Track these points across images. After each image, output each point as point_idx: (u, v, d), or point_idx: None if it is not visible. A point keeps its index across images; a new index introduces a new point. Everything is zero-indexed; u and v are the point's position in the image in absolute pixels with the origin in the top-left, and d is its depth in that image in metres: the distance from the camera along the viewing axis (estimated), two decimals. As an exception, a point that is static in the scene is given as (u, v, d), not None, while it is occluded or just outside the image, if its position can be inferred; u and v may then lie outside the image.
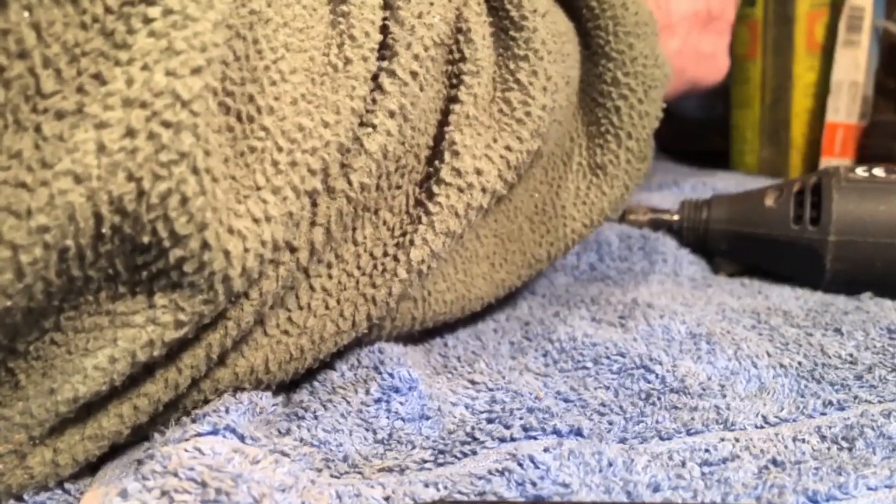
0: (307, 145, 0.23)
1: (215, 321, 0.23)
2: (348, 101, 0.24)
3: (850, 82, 0.62)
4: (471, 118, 0.28)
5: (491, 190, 0.29)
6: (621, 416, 0.26)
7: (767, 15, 0.65)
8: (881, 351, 0.31)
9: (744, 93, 0.68)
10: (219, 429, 0.22)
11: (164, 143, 0.19)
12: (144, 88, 0.18)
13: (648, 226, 0.47)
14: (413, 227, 0.28)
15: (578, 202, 0.36)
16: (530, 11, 0.30)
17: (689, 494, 0.21)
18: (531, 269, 0.35)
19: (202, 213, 0.19)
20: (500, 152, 0.29)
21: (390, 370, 0.28)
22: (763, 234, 0.42)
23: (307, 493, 0.21)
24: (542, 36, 0.31)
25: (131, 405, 0.23)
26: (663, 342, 0.32)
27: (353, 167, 0.25)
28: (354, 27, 0.25)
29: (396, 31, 0.26)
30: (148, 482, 0.20)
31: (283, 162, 0.22)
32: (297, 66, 0.23)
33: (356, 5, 0.26)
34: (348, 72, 0.24)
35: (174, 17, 0.19)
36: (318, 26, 0.25)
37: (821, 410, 0.26)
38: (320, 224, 0.24)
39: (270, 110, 0.22)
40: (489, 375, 0.30)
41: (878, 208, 0.39)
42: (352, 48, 0.25)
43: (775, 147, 0.66)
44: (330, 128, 0.24)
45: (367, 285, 0.27)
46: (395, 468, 0.23)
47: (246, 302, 0.23)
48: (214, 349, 0.23)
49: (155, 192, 0.19)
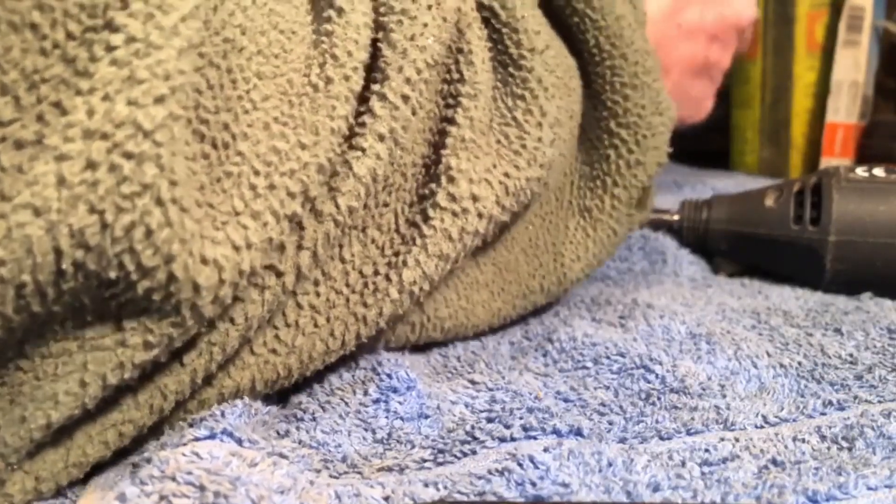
0: (284, 167, 0.23)
1: (197, 345, 0.23)
2: (328, 122, 0.24)
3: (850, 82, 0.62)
4: (467, 142, 0.28)
5: (488, 216, 0.28)
6: (621, 416, 0.26)
7: (768, 15, 0.65)
8: (881, 351, 0.31)
9: (744, 93, 0.68)
10: (216, 433, 0.22)
11: (125, 174, 0.18)
12: (105, 119, 0.18)
13: (648, 226, 0.47)
14: (406, 248, 0.27)
15: (567, 240, 0.35)
16: (528, 50, 0.30)
17: (689, 494, 0.21)
18: (526, 300, 0.34)
19: (168, 244, 0.19)
20: (498, 178, 0.29)
21: (388, 371, 0.28)
22: (763, 235, 0.42)
23: (306, 495, 0.21)
24: (540, 74, 0.30)
25: (116, 431, 0.22)
26: (663, 342, 0.32)
27: (341, 190, 0.24)
28: (337, 46, 0.25)
29: (388, 55, 0.26)
30: (146, 487, 0.20)
31: (260, 186, 0.22)
32: (271, 93, 0.23)
33: (340, 25, 0.25)
34: (328, 91, 0.24)
35: (137, 44, 0.19)
36: (297, 48, 0.24)
37: (821, 410, 0.26)
38: (307, 248, 0.24)
39: (245, 136, 0.22)
40: (489, 375, 0.30)
41: (878, 208, 0.39)
42: (333, 67, 0.24)
43: (775, 147, 0.66)
44: (308, 149, 0.23)
45: (357, 304, 0.27)
46: (395, 468, 0.23)
47: (231, 327, 0.23)
48: (199, 374, 0.23)
49: (118, 224, 0.18)
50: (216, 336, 0.23)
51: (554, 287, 0.35)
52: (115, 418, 0.22)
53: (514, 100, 0.30)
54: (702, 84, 0.47)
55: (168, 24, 0.19)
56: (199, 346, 0.23)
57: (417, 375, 0.28)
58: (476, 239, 0.29)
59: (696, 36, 0.45)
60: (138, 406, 0.22)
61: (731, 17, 0.47)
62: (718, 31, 0.46)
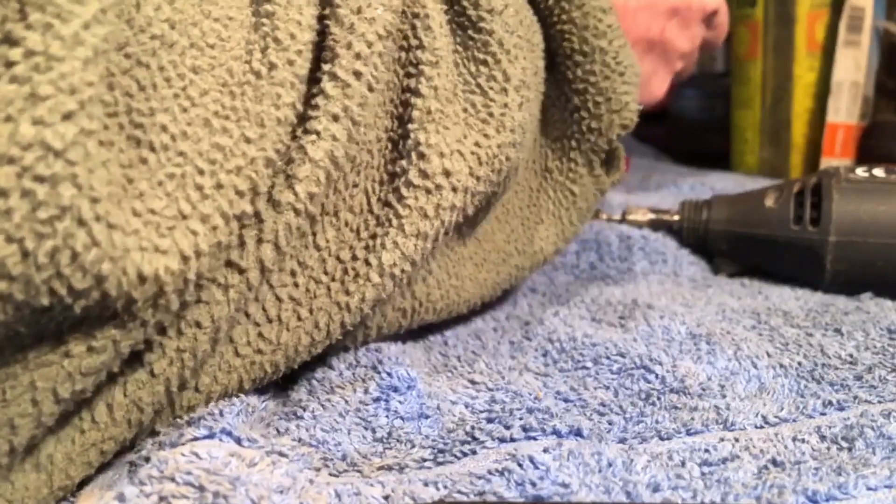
0: (230, 164, 0.22)
1: (166, 353, 0.22)
2: (273, 111, 0.23)
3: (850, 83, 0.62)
4: (433, 113, 0.27)
5: (462, 188, 0.28)
6: (621, 417, 0.26)
7: (768, 15, 0.65)
8: (881, 351, 0.31)
9: (744, 93, 0.68)
10: (215, 432, 0.22)
11: (41, 199, 0.17)
12: (10, 142, 0.17)
13: (648, 226, 0.47)
14: (382, 229, 0.27)
15: (531, 203, 0.35)
16: (487, 11, 0.29)
17: (689, 494, 0.21)
18: (506, 264, 0.34)
19: (98, 265, 0.18)
20: (470, 148, 0.28)
21: (389, 369, 0.28)
22: (763, 235, 0.42)
23: (305, 494, 0.21)
24: (501, 37, 0.30)
25: (98, 450, 0.22)
26: (663, 342, 0.32)
27: (298, 177, 0.24)
28: (279, 28, 0.24)
29: (337, 32, 0.25)
30: (145, 487, 0.20)
31: (207, 186, 0.21)
32: (209, 87, 0.22)
33: (281, 5, 0.24)
34: (272, 78, 0.23)
35: (36, 58, 0.17)
36: (236, 34, 0.23)
37: (821, 410, 0.26)
38: (268, 241, 0.23)
39: (185, 135, 0.21)
40: (489, 375, 0.30)
41: (879, 209, 0.39)
42: (276, 52, 0.23)
43: (776, 147, 0.66)
44: (254, 143, 0.22)
45: (339, 292, 0.26)
46: (395, 467, 0.23)
47: (199, 331, 0.22)
48: (174, 382, 0.23)
49: (41, 251, 0.17)
50: (184, 342, 0.22)
51: (528, 249, 0.35)
52: (94, 437, 0.22)
53: (477, 65, 0.29)
54: (652, 61, 0.46)
55: (69, 33, 0.18)
56: (168, 355, 0.22)
57: (418, 374, 0.28)
58: (454, 213, 0.28)
59: (656, 8, 0.44)
60: (116, 423, 0.22)
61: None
62: (680, 8, 0.45)
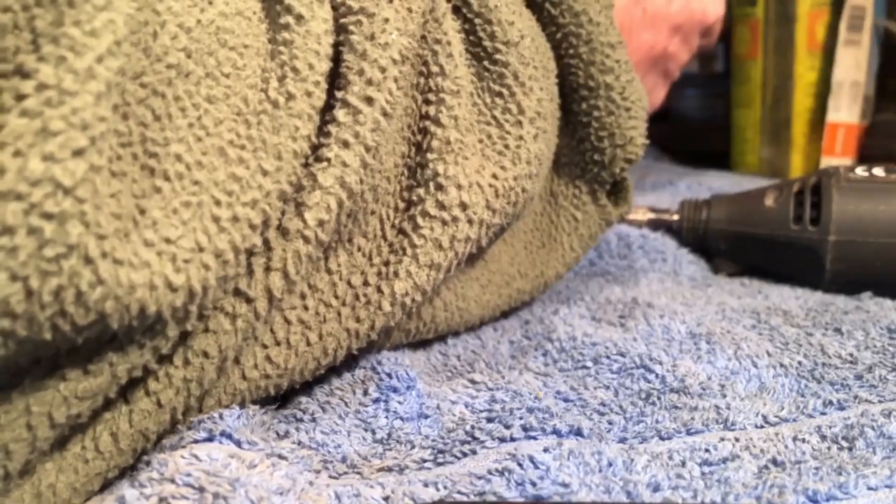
0: (246, 197, 0.21)
1: (173, 383, 0.22)
2: (290, 144, 0.23)
3: (851, 82, 0.62)
4: (453, 143, 0.27)
5: (478, 221, 0.28)
6: (621, 416, 0.26)
7: (768, 14, 0.65)
8: (881, 350, 0.31)
9: (745, 93, 0.68)
10: (215, 435, 0.22)
11: (48, 237, 0.17)
12: (19, 178, 0.16)
13: (648, 226, 0.47)
14: (396, 257, 0.27)
15: (534, 227, 0.35)
16: (503, 43, 0.29)
17: (689, 494, 0.21)
18: (509, 287, 0.34)
19: (102, 303, 0.18)
20: (487, 181, 0.28)
21: (388, 370, 0.28)
22: (763, 234, 0.42)
23: (305, 496, 0.21)
24: (516, 69, 0.29)
25: (101, 478, 0.22)
26: (663, 342, 0.32)
27: (308, 204, 0.23)
28: (298, 58, 0.23)
29: (350, 59, 0.25)
30: (145, 489, 0.20)
31: (224, 217, 0.21)
32: (224, 116, 0.22)
33: (300, 34, 0.24)
34: (290, 109, 0.23)
35: (49, 92, 0.17)
36: (252, 62, 0.23)
37: (821, 410, 0.26)
38: (276, 269, 0.23)
39: (200, 165, 0.21)
40: (489, 375, 0.30)
41: (878, 208, 0.39)
42: (294, 82, 0.23)
43: (776, 147, 0.66)
44: (270, 175, 0.22)
45: (349, 318, 0.26)
46: (395, 468, 0.23)
47: (206, 361, 0.22)
48: (179, 410, 0.22)
49: (45, 290, 0.17)
50: (191, 372, 0.22)
51: (530, 272, 0.35)
52: (99, 467, 0.22)
53: (492, 97, 0.29)
54: (655, 76, 0.46)
55: (82, 66, 0.18)
56: (174, 385, 0.22)
57: (417, 375, 0.28)
58: (469, 245, 0.28)
59: (660, 24, 0.44)
60: (121, 452, 0.22)
61: (697, 11, 0.46)
62: (683, 23, 0.45)
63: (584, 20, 0.33)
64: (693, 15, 0.46)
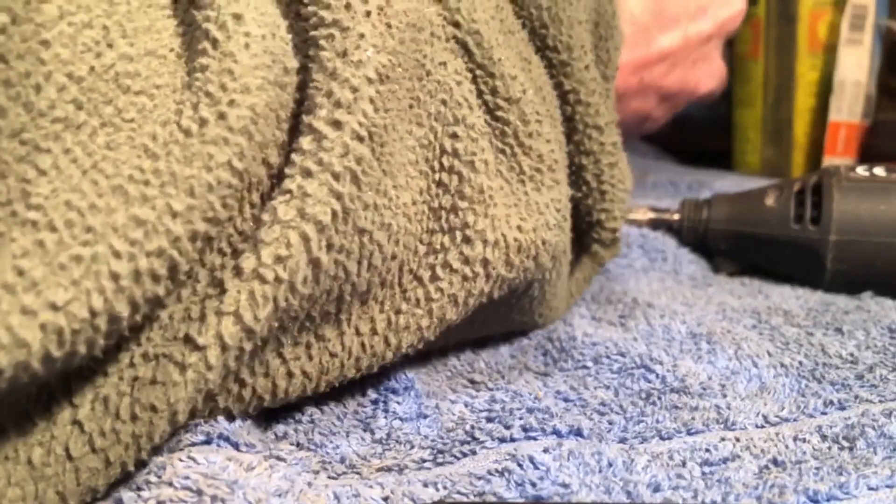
0: (151, 246, 0.19)
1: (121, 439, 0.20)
2: (205, 175, 0.20)
3: (853, 81, 0.61)
4: (485, 192, 0.26)
5: (495, 276, 0.26)
6: (621, 416, 0.26)
7: (770, 14, 0.65)
8: (882, 350, 0.31)
9: (746, 92, 0.68)
10: (212, 438, 0.22)
11: None
12: None
13: (648, 225, 0.47)
14: (409, 307, 0.25)
15: None
16: (504, 99, 0.28)
17: (690, 494, 0.21)
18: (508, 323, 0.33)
19: None
20: (513, 234, 0.27)
21: (387, 370, 0.28)
22: (763, 234, 0.42)
23: (304, 497, 0.21)
24: (516, 127, 0.28)
25: None
26: (664, 341, 0.32)
27: (265, 240, 0.21)
28: (212, 81, 0.21)
29: (319, 78, 0.22)
30: (143, 493, 0.19)
31: (124, 274, 0.18)
32: (126, 158, 0.20)
33: (215, 58, 0.21)
34: (203, 135, 0.20)
35: None
36: (167, 100, 0.21)
37: (822, 410, 0.26)
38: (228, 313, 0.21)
39: (94, 208, 0.19)
40: (488, 375, 0.30)
41: (879, 208, 0.39)
42: (208, 107, 0.21)
43: (778, 146, 0.66)
44: (180, 216, 0.20)
45: (351, 368, 0.25)
46: (394, 468, 0.23)
47: (154, 415, 0.21)
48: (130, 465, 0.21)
49: None
50: (140, 427, 0.20)
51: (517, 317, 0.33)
52: None
53: (496, 153, 0.28)
54: (643, 128, 0.47)
55: None
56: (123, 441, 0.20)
57: (416, 375, 0.28)
58: (481, 299, 0.27)
59: (650, 93, 0.44)
60: None
61: (691, 83, 0.47)
62: (674, 94, 0.46)
63: (571, 99, 0.32)
64: (686, 87, 0.46)
